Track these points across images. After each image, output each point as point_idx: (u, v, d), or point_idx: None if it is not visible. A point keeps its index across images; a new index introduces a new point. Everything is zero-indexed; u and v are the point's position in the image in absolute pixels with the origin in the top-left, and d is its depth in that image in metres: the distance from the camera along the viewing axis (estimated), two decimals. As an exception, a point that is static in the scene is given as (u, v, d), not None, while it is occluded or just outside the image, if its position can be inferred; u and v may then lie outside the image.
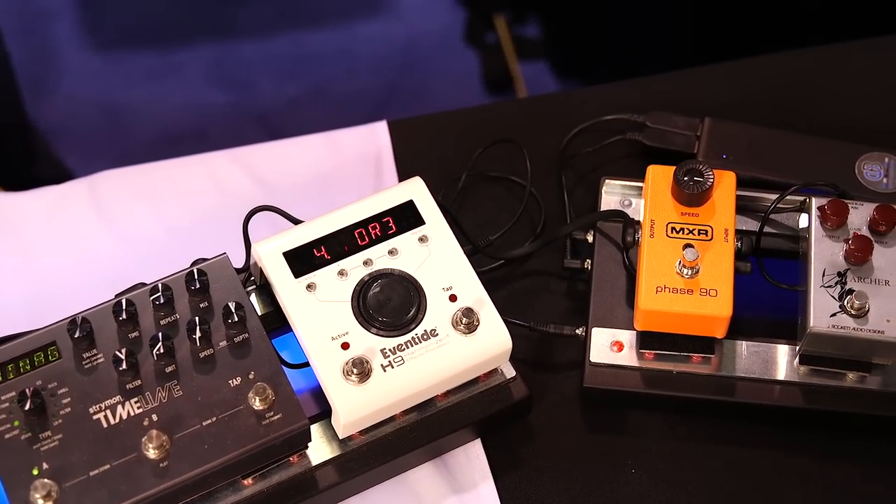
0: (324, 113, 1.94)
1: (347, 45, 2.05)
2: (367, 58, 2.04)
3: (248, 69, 2.01)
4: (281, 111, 1.97)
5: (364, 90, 2.00)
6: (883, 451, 0.94)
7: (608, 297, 0.97)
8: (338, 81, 2.01)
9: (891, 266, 0.91)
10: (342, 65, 2.02)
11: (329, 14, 2.08)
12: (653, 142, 1.07)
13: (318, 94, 1.99)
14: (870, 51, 1.17)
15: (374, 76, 2.02)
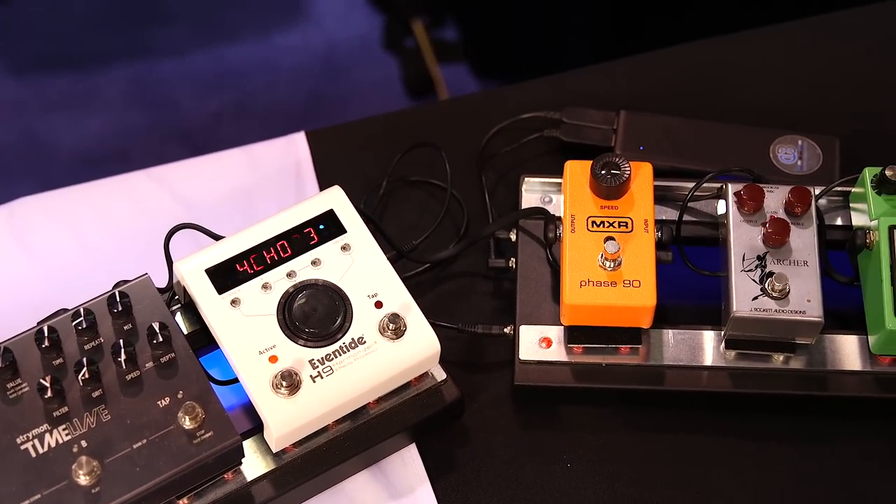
0: (247, 127, 1.94)
1: (267, 57, 2.04)
2: (287, 69, 2.03)
3: (168, 87, 2.00)
4: (204, 127, 1.96)
5: (287, 101, 2.00)
6: (812, 429, 0.96)
7: (534, 294, 0.97)
8: (260, 94, 2.00)
9: (808, 247, 0.93)
10: (263, 77, 2.02)
11: (247, 27, 2.07)
12: (570, 137, 1.08)
13: (240, 108, 1.98)
14: (778, 37, 1.18)
15: (296, 86, 2.01)
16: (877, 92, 1.14)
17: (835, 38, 1.18)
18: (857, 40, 1.18)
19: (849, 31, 1.19)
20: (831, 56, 1.17)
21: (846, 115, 1.12)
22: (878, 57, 1.17)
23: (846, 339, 0.95)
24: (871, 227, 0.93)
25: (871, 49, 1.17)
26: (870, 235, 0.93)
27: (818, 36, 1.18)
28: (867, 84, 1.15)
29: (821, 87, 1.15)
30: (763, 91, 1.14)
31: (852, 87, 1.15)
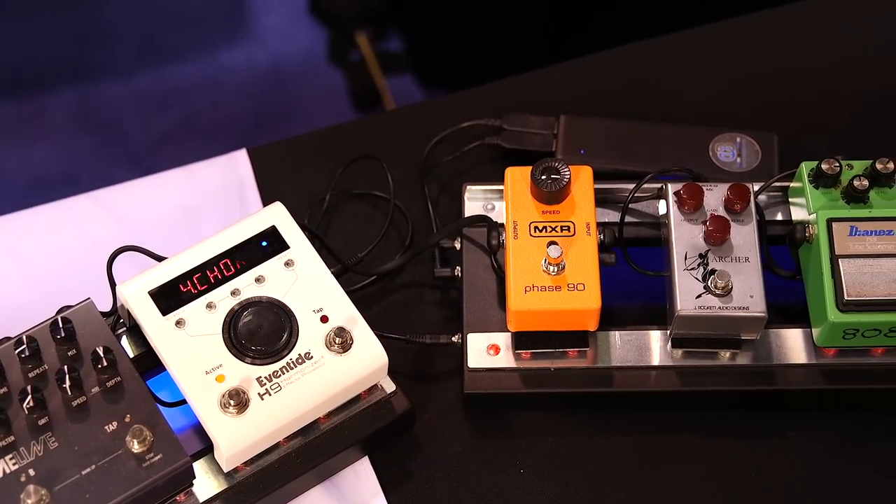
0: (195, 146, 1.93)
1: (212, 75, 2.03)
2: (233, 86, 2.03)
3: (114, 109, 1.99)
4: (151, 148, 1.95)
5: (234, 119, 1.99)
6: (761, 423, 0.96)
7: (480, 301, 0.98)
8: (206, 113, 1.99)
9: (749, 243, 0.93)
10: (209, 96, 2.01)
11: (191, 47, 2.06)
12: (511, 144, 1.08)
13: (187, 128, 1.97)
14: (713, 35, 1.20)
15: (243, 104, 2.01)
16: (813, 86, 1.15)
17: (769, 35, 1.19)
18: (791, 36, 1.19)
19: (782, 27, 1.20)
20: (766, 53, 1.18)
21: (784, 111, 1.14)
22: (813, 52, 1.18)
23: (791, 333, 0.96)
24: (810, 221, 0.94)
25: (804, 44, 1.19)
26: (809, 229, 0.94)
27: (752, 33, 1.20)
28: (803, 79, 1.16)
29: (757, 83, 1.16)
30: (700, 90, 1.15)
31: (788, 82, 1.16)
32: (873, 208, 0.94)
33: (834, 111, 1.14)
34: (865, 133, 1.12)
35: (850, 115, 1.13)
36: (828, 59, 1.17)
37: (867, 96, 1.14)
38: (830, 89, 1.15)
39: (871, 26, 1.20)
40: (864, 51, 1.18)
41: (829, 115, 1.13)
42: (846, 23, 1.20)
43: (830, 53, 1.18)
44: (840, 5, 1.22)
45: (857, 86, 1.15)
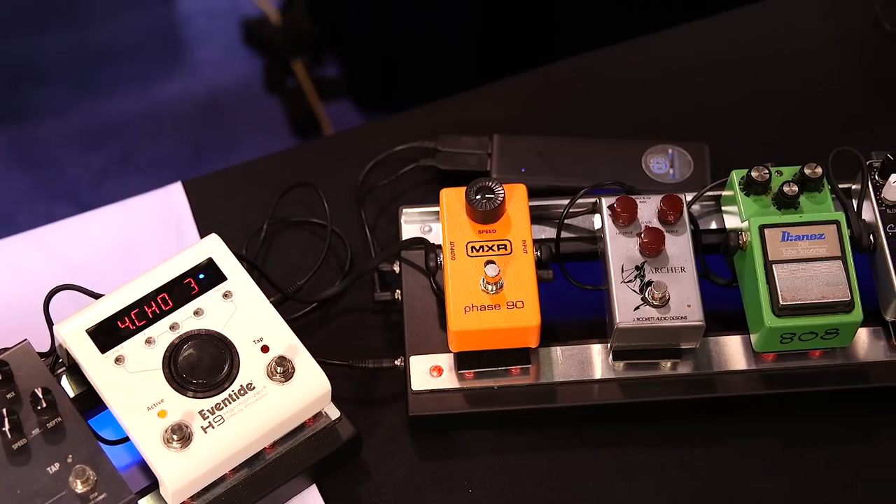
0: (133, 180, 1.92)
1: (148, 109, 2.03)
2: (169, 119, 2.02)
3: (50, 147, 1.97)
4: (90, 184, 1.94)
5: (171, 152, 1.99)
6: (705, 431, 0.97)
7: (421, 324, 0.98)
8: (144, 147, 1.99)
9: (684, 253, 0.94)
10: (146, 129, 2.01)
11: (126, 81, 2.06)
12: (446, 165, 1.09)
13: (125, 163, 1.96)
14: (642, 49, 1.21)
15: (180, 136, 2.00)
16: (741, 95, 1.17)
17: (696, 46, 1.21)
18: (717, 46, 1.21)
19: (708, 38, 1.22)
20: (694, 64, 1.19)
21: (714, 121, 1.15)
22: (739, 62, 1.20)
23: (730, 340, 0.97)
24: (743, 229, 0.95)
25: (731, 54, 1.20)
26: (742, 236, 0.95)
27: (679, 46, 1.21)
28: (731, 88, 1.18)
29: (687, 94, 1.17)
30: (632, 103, 1.17)
31: (717, 92, 1.17)
32: (804, 213, 0.95)
33: (763, 119, 1.15)
34: (794, 140, 1.13)
35: (779, 122, 1.15)
36: (754, 69, 1.19)
37: (794, 104, 1.16)
38: (759, 98, 1.17)
39: (795, 35, 1.22)
40: (790, 59, 1.20)
41: (758, 123, 1.15)
42: (771, 32, 1.22)
43: (757, 63, 1.20)
44: (764, 16, 1.24)
45: (784, 93, 1.17)
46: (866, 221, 0.97)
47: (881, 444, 0.97)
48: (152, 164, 1.96)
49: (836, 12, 1.23)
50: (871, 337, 0.97)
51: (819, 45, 1.21)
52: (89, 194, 1.92)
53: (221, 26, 2.12)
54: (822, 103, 1.17)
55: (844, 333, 0.93)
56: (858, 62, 1.19)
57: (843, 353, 0.97)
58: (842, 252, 0.93)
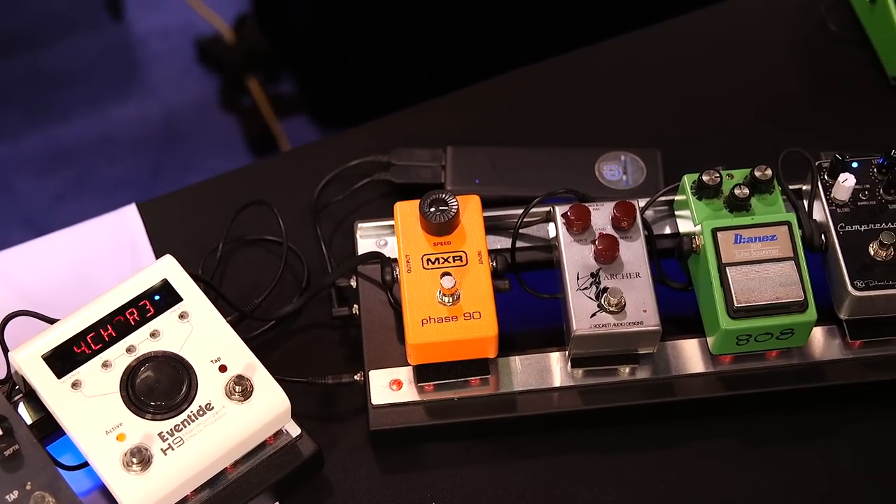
0: (90, 204, 1.92)
1: (105, 131, 2.02)
2: (126, 141, 2.02)
3: (6, 172, 1.96)
4: (46, 209, 1.93)
5: (129, 174, 1.98)
6: (665, 435, 0.98)
7: (380, 338, 0.98)
8: (100, 170, 1.98)
9: (638, 259, 0.95)
10: (102, 152, 2.00)
11: (81, 104, 2.05)
12: (400, 179, 1.09)
13: (81, 186, 1.96)
14: (592, 57, 1.22)
15: (138, 158, 2.00)
16: (691, 100, 1.18)
17: (645, 53, 1.22)
18: (666, 52, 1.22)
19: (657, 45, 1.22)
20: (644, 70, 1.20)
21: (666, 126, 1.16)
22: (689, 67, 1.21)
23: (687, 344, 0.98)
24: (696, 232, 0.96)
25: (680, 60, 1.21)
26: (695, 240, 0.96)
27: (629, 53, 1.22)
28: (682, 94, 1.18)
29: (638, 101, 1.18)
30: (583, 112, 1.17)
31: (668, 97, 1.18)
32: (756, 215, 0.96)
33: (714, 123, 1.16)
34: (745, 142, 1.14)
35: (730, 125, 1.16)
36: (703, 74, 1.20)
37: (744, 107, 1.17)
38: (709, 102, 1.18)
39: (742, 39, 1.23)
40: (738, 63, 1.21)
41: (709, 128, 1.16)
42: (718, 37, 1.23)
43: (705, 68, 1.21)
44: (711, 21, 1.25)
45: (734, 97, 1.18)
46: (817, 221, 0.98)
47: (840, 440, 0.98)
48: (109, 187, 1.95)
49: (782, 15, 1.24)
50: (826, 336, 0.98)
51: (766, 48, 1.22)
52: (46, 219, 1.91)
53: (175, 46, 2.11)
54: (771, 105, 1.18)
55: (799, 333, 0.94)
56: (805, 64, 1.21)
57: (800, 352, 0.97)
58: (794, 252, 0.94)
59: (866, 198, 0.98)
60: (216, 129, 2.04)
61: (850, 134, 1.15)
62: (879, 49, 1.18)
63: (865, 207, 0.97)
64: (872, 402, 0.99)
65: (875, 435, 0.98)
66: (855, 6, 1.22)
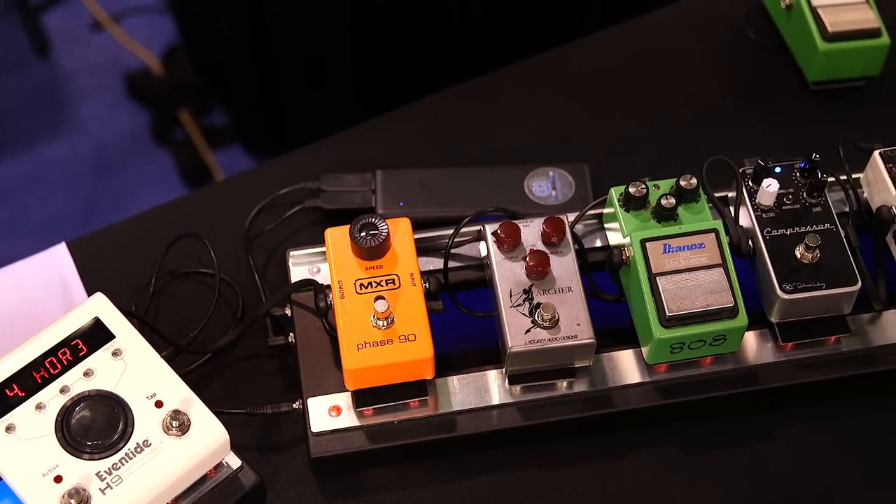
0: (24, 244, 1.90)
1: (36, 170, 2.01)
2: (58, 179, 2.00)
3: (-64, 215, 1.94)
4: (-21, 251, 1.91)
5: (62, 212, 1.97)
6: (605, 447, 0.98)
7: (317, 365, 0.98)
8: (33, 209, 1.96)
9: (570, 273, 0.95)
10: (34, 191, 1.98)
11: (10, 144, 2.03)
12: (331, 205, 1.09)
13: (14, 227, 1.94)
14: (516, 75, 1.23)
15: (71, 196, 1.98)
16: (617, 113, 1.19)
17: (569, 68, 1.23)
18: (590, 66, 1.23)
19: (580, 59, 1.24)
20: (569, 86, 1.21)
21: (593, 140, 1.17)
22: (612, 80, 1.22)
23: (622, 355, 0.98)
24: (625, 244, 0.97)
25: (604, 73, 1.22)
26: (625, 252, 0.97)
27: (553, 69, 1.23)
28: (607, 107, 1.20)
29: (564, 117, 1.19)
30: (510, 130, 1.18)
31: (593, 112, 1.19)
32: (683, 224, 0.97)
33: (640, 135, 1.17)
34: (672, 152, 1.16)
35: (656, 136, 1.17)
36: (627, 87, 1.21)
37: (669, 117, 1.19)
38: (634, 114, 1.19)
39: (664, 51, 1.25)
40: (661, 74, 1.22)
41: (636, 140, 1.17)
42: (640, 50, 1.25)
43: (629, 81, 1.22)
44: (632, 34, 1.26)
45: (659, 108, 1.19)
46: (744, 227, 0.99)
47: (778, 442, 0.99)
48: (43, 226, 1.94)
49: (702, 25, 1.26)
50: (759, 340, 0.99)
51: (688, 58, 1.24)
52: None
53: (104, 82, 2.10)
54: (696, 114, 1.19)
55: (732, 339, 0.95)
56: (727, 72, 1.22)
57: (733, 357, 0.98)
58: (722, 259, 0.95)
59: (790, 202, 0.99)
60: (149, 163, 2.03)
61: (773, 139, 1.17)
62: (798, 55, 1.20)
63: (790, 211, 0.99)
64: (806, 403, 1.00)
65: (809, 435, 0.99)
66: (772, 14, 1.24)
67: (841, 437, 0.99)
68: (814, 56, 1.17)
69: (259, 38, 1.83)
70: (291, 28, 1.80)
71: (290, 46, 1.82)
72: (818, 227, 0.98)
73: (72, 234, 1.12)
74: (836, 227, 0.98)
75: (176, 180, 2.01)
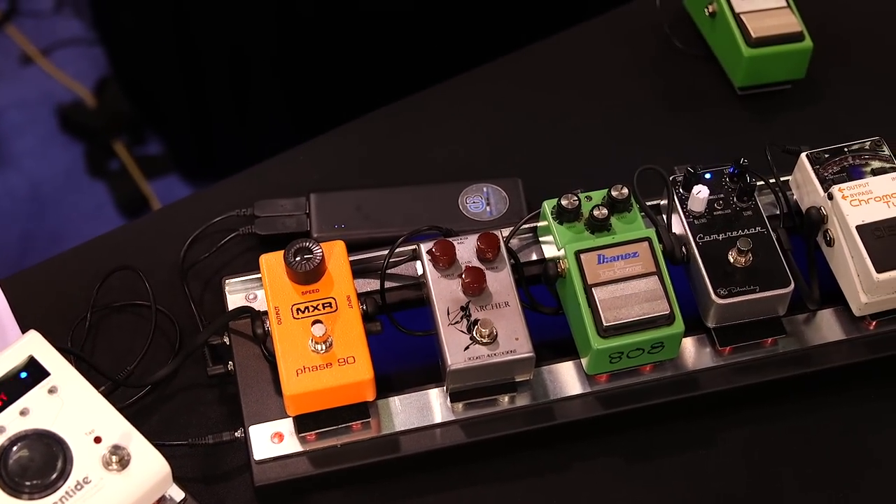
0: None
1: (-31, 208, 1.98)
2: (-7, 216, 1.98)
3: None
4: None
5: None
6: (550, 460, 0.98)
7: (257, 392, 0.97)
8: (-33, 249, 1.94)
9: (506, 288, 0.96)
10: (-32, 230, 1.96)
11: (-58, 181, 2.01)
12: (266, 230, 1.09)
13: (-51, 266, 1.91)
14: (447, 93, 1.23)
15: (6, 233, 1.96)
16: (549, 126, 1.20)
17: (500, 83, 1.23)
18: (521, 81, 1.24)
19: (511, 74, 1.24)
20: (501, 101, 1.22)
21: (526, 154, 1.17)
22: (543, 94, 1.23)
23: (563, 367, 0.99)
24: (560, 256, 0.97)
25: (535, 88, 1.23)
26: (560, 264, 0.97)
27: (483, 84, 1.24)
28: (539, 121, 1.20)
29: (496, 132, 1.20)
30: (443, 147, 1.18)
31: (524, 126, 1.20)
32: (616, 234, 0.97)
33: (573, 147, 1.18)
34: (604, 164, 1.16)
35: (589, 148, 1.18)
36: (558, 100, 1.22)
37: (600, 129, 1.19)
38: (566, 127, 1.20)
39: (593, 62, 1.26)
40: (591, 86, 1.23)
41: (569, 152, 1.18)
42: (570, 62, 1.26)
43: (560, 94, 1.23)
44: (561, 48, 1.27)
45: (590, 120, 1.20)
46: (677, 234, 1.00)
47: (720, 446, 1.00)
48: (-22, 264, 1.91)
49: (628, 36, 1.27)
50: (697, 345, 1.00)
51: (617, 69, 1.25)
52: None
53: (36, 117, 2.08)
54: (626, 125, 1.20)
55: (670, 345, 0.96)
56: (655, 81, 1.24)
57: (673, 364, 0.99)
58: (657, 267, 0.96)
59: (721, 207, 1.00)
60: (86, 196, 2.01)
61: (704, 146, 1.18)
62: (724, 61, 1.22)
63: (721, 216, 1.00)
64: (746, 406, 1.01)
65: (750, 438, 1.00)
66: (697, 22, 1.25)
67: (781, 438, 1.00)
68: (739, 62, 1.18)
69: (189, 66, 1.83)
70: (221, 55, 1.80)
71: (220, 73, 1.82)
72: (750, 230, 0.99)
73: (8, 272, 1.11)
74: (767, 231, 0.99)
75: (114, 212, 2.00)
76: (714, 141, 1.18)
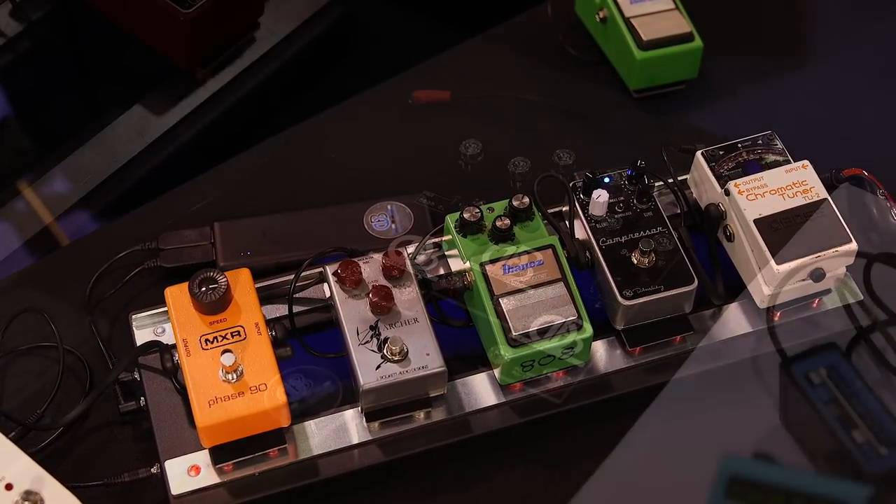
0: None
1: None
2: None
3: None
4: None
5: None
6: (471, 472, 0.99)
7: (172, 426, 0.96)
8: None
9: (414, 304, 0.96)
10: None
11: None
12: (172, 262, 1.08)
13: None
14: (348, 111, 1.23)
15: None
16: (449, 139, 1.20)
17: (398, 100, 1.24)
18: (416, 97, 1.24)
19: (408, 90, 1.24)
20: (397, 118, 1.22)
21: (428, 169, 1.18)
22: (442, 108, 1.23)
23: (476, 379, 0.99)
24: (466, 269, 0.97)
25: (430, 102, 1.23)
26: (466, 276, 0.97)
27: (382, 101, 1.24)
28: (439, 136, 1.21)
29: (397, 149, 1.20)
30: (346, 168, 1.18)
31: (425, 141, 1.20)
32: (520, 243, 0.98)
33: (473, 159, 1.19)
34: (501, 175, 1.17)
35: (491, 160, 1.19)
36: (457, 113, 1.23)
37: (501, 140, 1.20)
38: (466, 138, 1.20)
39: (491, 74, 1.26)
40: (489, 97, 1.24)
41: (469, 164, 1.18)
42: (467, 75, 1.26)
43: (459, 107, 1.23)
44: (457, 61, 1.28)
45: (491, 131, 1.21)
46: (580, 240, 1.01)
47: (639, 445, 1.00)
48: None
49: (523, 45, 1.28)
50: (608, 348, 1.01)
51: (512, 79, 1.26)
52: None
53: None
54: (525, 134, 1.21)
55: (580, 350, 0.97)
56: (552, 89, 1.25)
57: (585, 368, 1.00)
58: (562, 274, 0.97)
59: (622, 210, 1.01)
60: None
61: (602, 151, 1.19)
62: (617, 66, 1.23)
63: (622, 219, 1.01)
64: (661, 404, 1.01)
65: (666, 434, 1.01)
66: (589, 29, 1.26)
67: (698, 434, 1.01)
68: (632, 65, 1.20)
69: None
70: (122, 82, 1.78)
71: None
72: (651, 231, 1.00)
73: None
74: (668, 230, 1.00)
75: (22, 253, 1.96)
76: (613, 145, 1.20)
